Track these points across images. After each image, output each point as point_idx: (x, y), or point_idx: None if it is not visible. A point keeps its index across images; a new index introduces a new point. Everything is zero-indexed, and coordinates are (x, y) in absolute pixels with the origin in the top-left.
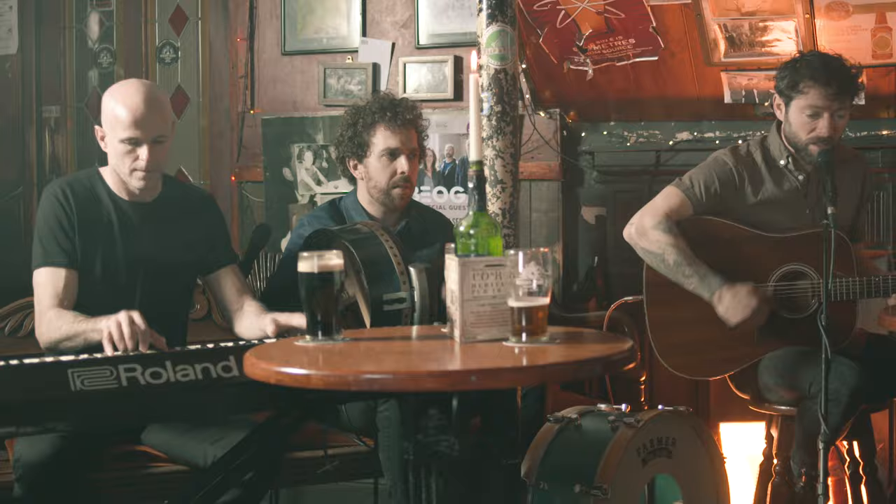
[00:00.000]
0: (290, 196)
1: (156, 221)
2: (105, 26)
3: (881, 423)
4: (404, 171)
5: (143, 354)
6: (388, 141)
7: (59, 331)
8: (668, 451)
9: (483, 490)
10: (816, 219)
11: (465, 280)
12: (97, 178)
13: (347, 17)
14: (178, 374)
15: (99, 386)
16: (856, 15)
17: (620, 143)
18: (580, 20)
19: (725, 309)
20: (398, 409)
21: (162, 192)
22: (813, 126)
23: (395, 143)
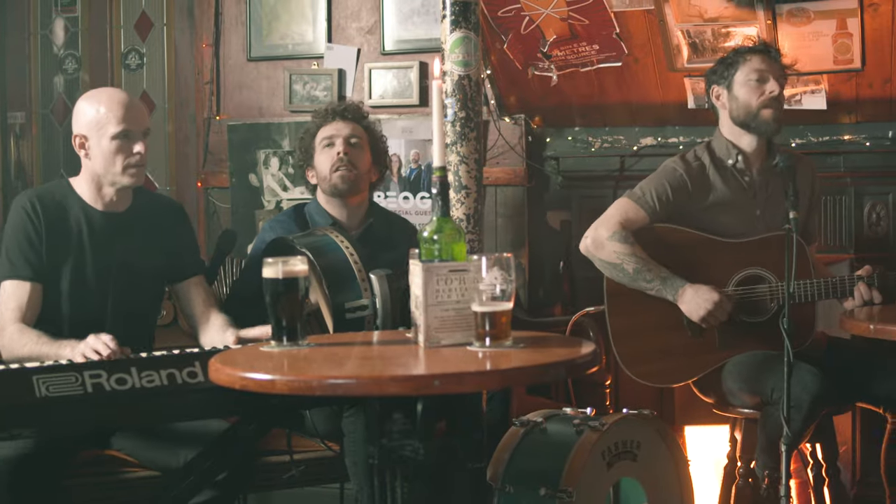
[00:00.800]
0: (256, 202)
1: (128, 231)
2: (70, 32)
3: (844, 426)
4: (340, 151)
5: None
6: (324, 132)
7: (23, 349)
8: (633, 454)
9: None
10: (767, 220)
11: (428, 285)
12: (68, 189)
13: (313, 23)
14: (144, 380)
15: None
16: (817, 21)
17: (585, 148)
18: (544, 26)
19: (688, 306)
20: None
21: (134, 202)
22: (761, 90)
23: (331, 132)
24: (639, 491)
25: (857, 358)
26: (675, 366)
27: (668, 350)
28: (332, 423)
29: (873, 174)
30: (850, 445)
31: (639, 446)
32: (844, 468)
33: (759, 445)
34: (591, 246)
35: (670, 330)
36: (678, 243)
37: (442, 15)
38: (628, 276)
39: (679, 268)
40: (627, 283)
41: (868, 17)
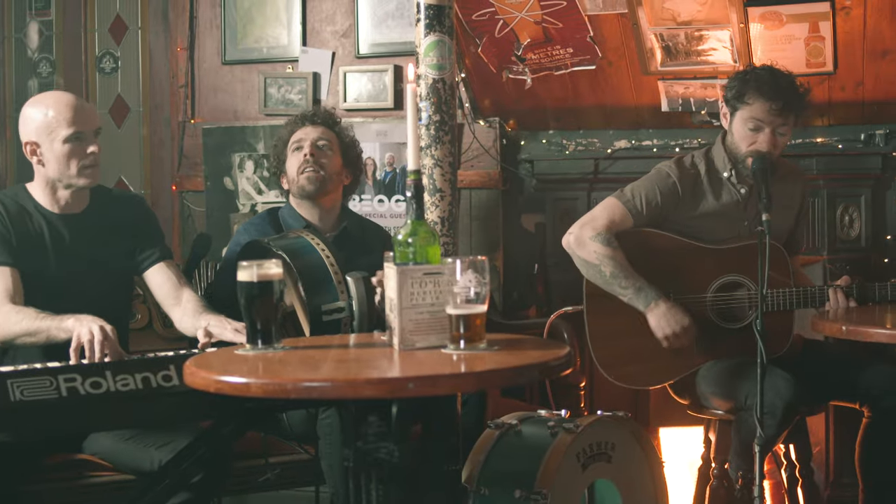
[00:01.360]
0: (231, 205)
1: (88, 232)
2: (44, 36)
3: (817, 427)
4: (306, 153)
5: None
6: (294, 137)
7: (20, 325)
8: (608, 455)
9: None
10: (754, 230)
11: (403, 288)
12: (25, 194)
13: (288, 26)
14: (119, 384)
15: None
16: (789, 24)
17: (559, 151)
18: (518, 30)
19: (657, 321)
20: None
21: (90, 202)
22: (753, 139)
23: (300, 136)
24: (613, 492)
25: (832, 358)
26: (652, 368)
27: (645, 353)
28: (307, 425)
29: (846, 176)
30: (823, 446)
31: (613, 448)
32: (818, 469)
33: (732, 448)
34: (573, 243)
35: (648, 333)
36: (660, 247)
37: (416, 19)
38: (604, 279)
39: (660, 272)
40: (603, 285)
41: (840, 21)
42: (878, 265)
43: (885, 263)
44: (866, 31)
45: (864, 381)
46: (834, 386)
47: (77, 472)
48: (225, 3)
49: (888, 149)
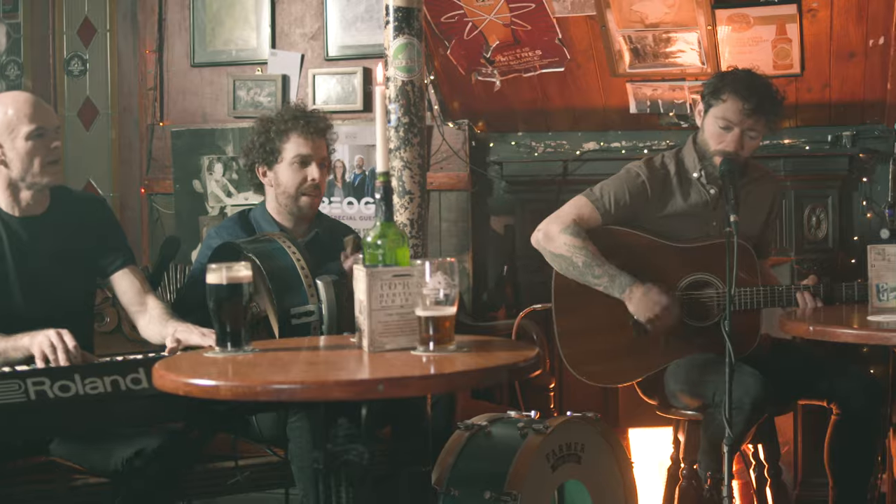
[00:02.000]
0: (200, 208)
1: (49, 234)
2: (12, 38)
3: (786, 427)
4: (315, 178)
5: (51, 368)
6: (301, 148)
7: None
8: (578, 456)
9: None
10: (723, 230)
11: (372, 290)
12: None
13: (257, 28)
14: (87, 387)
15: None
16: (757, 26)
17: (528, 153)
18: (487, 32)
19: (636, 306)
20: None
21: (51, 204)
22: (723, 138)
23: (308, 150)
24: (583, 493)
25: (800, 357)
26: (619, 366)
27: (613, 350)
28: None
29: (813, 177)
30: (791, 446)
31: (583, 449)
32: (786, 469)
33: (701, 447)
34: (542, 239)
35: (616, 330)
36: (628, 245)
37: (385, 21)
38: (577, 270)
39: (628, 270)
40: (577, 277)
41: (807, 23)
42: (845, 265)
43: (851, 263)
44: (833, 33)
45: (832, 381)
46: (802, 385)
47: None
48: (194, 5)
49: (855, 150)
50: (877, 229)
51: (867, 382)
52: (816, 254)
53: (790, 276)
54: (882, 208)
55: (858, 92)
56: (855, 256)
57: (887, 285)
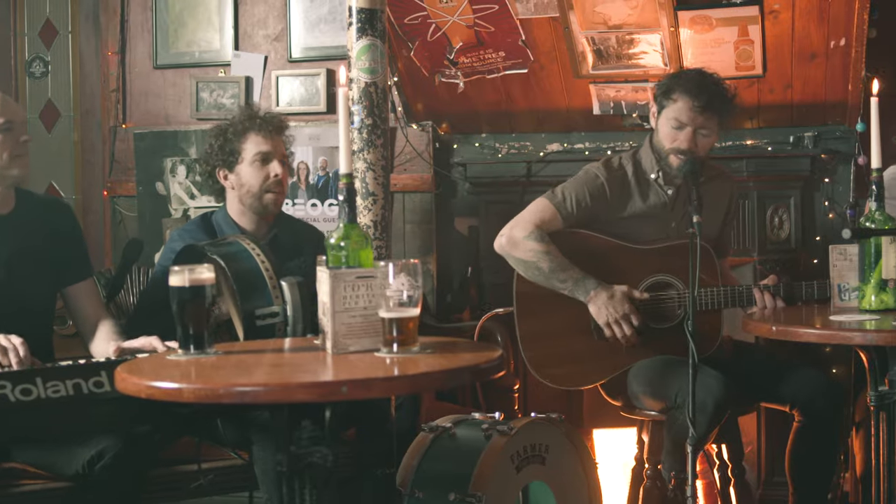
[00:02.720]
0: (163, 210)
1: (13, 234)
2: None
3: (749, 426)
4: (277, 173)
5: (12, 371)
6: (260, 146)
7: None
8: (542, 457)
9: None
10: (681, 231)
11: (336, 292)
12: None
13: (220, 30)
14: (49, 391)
15: None
16: (719, 28)
17: (492, 154)
18: (451, 33)
19: (597, 310)
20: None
21: (17, 204)
22: (675, 137)
23: (268, 147)
24: (548, 494)
25: (762, 360)
26: (582, 369)
27: (575, 353)
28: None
29: (775, 178)
30: (755, 446)
31: (547, 450)
32: (750, 468)
33: (664, 448)
34: (506, 244)
35: (578, 333)
36: (590, 247)
37: (348, 22)
38: (543, 275)
39: (589, 272)
40: (542, 281)
41: (769, 24)
42: (807, 266)
43: (814, 264)
44: (794, 34)
45: (793, 386)
46: (764, 389)
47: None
48: (156, 6)
49: (817, 151)
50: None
51: (829, 386)
52: (779, 254)
53: (753, 276)
54: (844, 209)
55: (820, 93)
56: (817, 256)
57: (849, 285)
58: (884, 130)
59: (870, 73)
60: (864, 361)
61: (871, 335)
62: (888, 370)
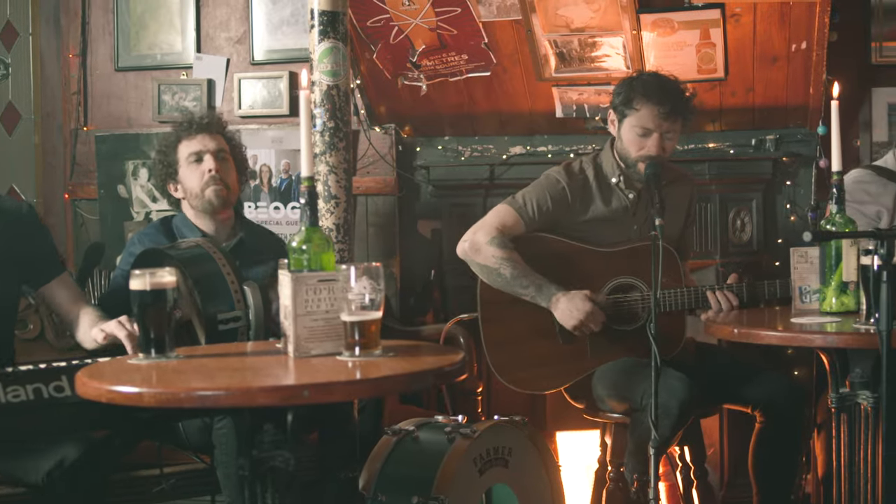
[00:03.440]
0: (125, 213)
1: None
2: None
3: (712, 428)
4: (211, 167)
5: None
6: (190, 147)
7: None
8: (505, 460)
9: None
10: (643, 235)
11: (297, 295)
12: None
13: (182, 32)
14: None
15: None
16: (681, 31)
17: (455, 157)
18: (413, 36)
19: (561, 314)
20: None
21: None
22: (642, 144)
23: (197, 147)
24: (511, 497)
25: (725, 362)
26: (547, 373)
27: (540, 357)
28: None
29: (737, 181)
30: (717, 447)
31: (510, 453)
32: (713, 470)
33: (627, 449)
34: (468, 250)
35: (542, 337)
36: (552, 251)
37: (310, 25)
38: (505, 281)
39: (552, 276)
40: (504, 287)
41: (730, 28)
42: (769, 268)
43: (775, 266)
44: (756, 37)
45: (755, 388)
46: (727, 391)
47: None
48: (118, 8)
49: (778, 153)
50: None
51: (790, 388)
52: (741, 257)
53: (715, 279)
54: (805, 211)
55: (781, 96)
56: (779, 259)
57: (810, 287)
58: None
59: (830, 77)
60: (826, 364)
61: (831, 337)
62: (849, 372)
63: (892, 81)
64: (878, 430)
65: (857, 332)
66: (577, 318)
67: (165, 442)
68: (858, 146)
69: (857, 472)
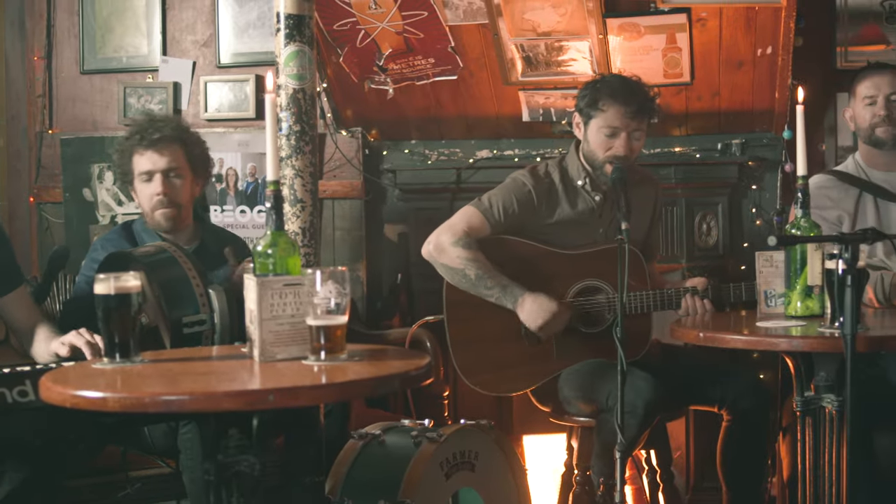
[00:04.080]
0: (90, 217)
1: None
2: None
3: (678, 432)
4: (157, 192)
5: None
6: (142, 164)
7: None
8: (471, 464)
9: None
10: (609, 237)
11: (263, 299)
12: None
13: (147, 35)
14: None
15: None
16: (647, 36)
17: (422, 161)
18: (380, 40)
19: (527, 315)
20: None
21: None
22: (610, 145)
23: (148, 166)
24: (477, 500)
25: (691, 363)
26: (513, 375)
27: (506, 359)
28: (169, 439)
29: (703, 185)
30: (683, 451)
31: (477, 456)
32: (679, 474)
33: (594, 452)
34: (433, 251)
35: (508, 340)
36: (518, 254)
37: (276, 28)
38: (470, 282)
39: (519, 279)
40: (469, 288)
41: (696, 32)
42: (734, 272)
43: (741, 270)
44: (722, 42)
45: (721, 386)
46: (693, 391)
47: None
48: (83, 11)
49: (744, 158)
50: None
51: (756, 386)
52: (707, 260)
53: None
54: (771, 215)
55: (747, 101)
56: (745, 263)
57: (775, 291)
58: (810, 138)
59: (796, 82)
60: (791, 367)
61: (796, 341)
62: (814, 376)
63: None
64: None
65: (821, 335)
66: (543, 318)
67: (130, 447)
68: (824, 150)
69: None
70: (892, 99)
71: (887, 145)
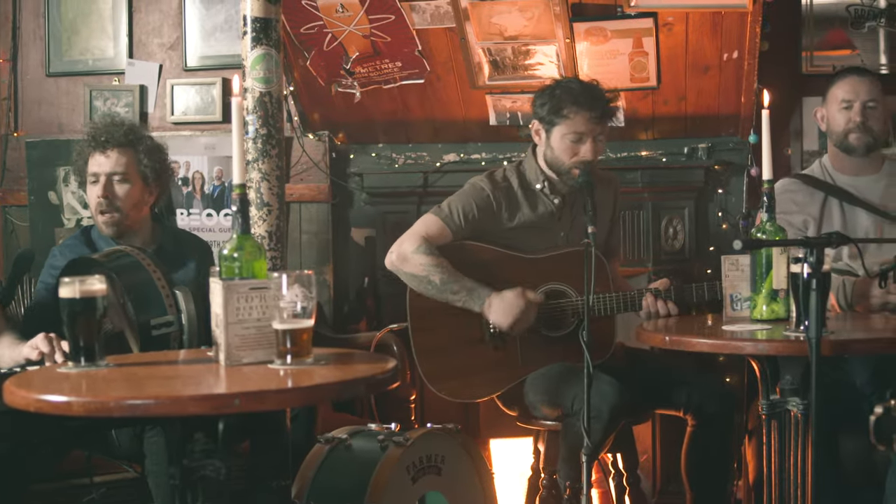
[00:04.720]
0: (56, 220)
1: None
2: None
3: (644, 435)
4: (98, 195)
5: None
6: (92, 167)
7: None
8: (438, 468)
9: None
10: (571, 240)
11: (228, 303)
12: None
13: (114, 38)
14: None
15: None
16: (614, 40)
17: (389, 164)
18: (347, 43)
19: (496, 315)
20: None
21: None
22: (576, 150)
23: (94, 168)
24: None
25: (656, 367)
26: (478, 381)
27: (470, 366)
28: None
29: (670, 189)
30: (650, 454)
31: (443, 460)
32: (645, 477)
33: (560, 456)
34: (396, 260)
35: (473, 345)
36: (480, 259)
37: (243, 31)
38: (436, 288)
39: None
40: (435, 295)
41: (663, 37)
42: (700, 275)
43: (707, 273)
44: (688, 46)
45: (686, 391)
46: (659, 395)
47: None
48: (49, 13)
49: (710, 162)
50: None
51: (721, 390)
52: (673, 264)
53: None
54: (737, 219)
55: (713, 105)
56: (711, 266)
57: (741, 295)
58: (775, 142)
59: (762, 86)
60: (756, 371)
61: (762, 345)
62: (779, 379)
63: (822, 91)
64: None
65: (787, 339)
66: (514, 315)
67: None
68: (790, 155)
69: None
70: (868, 106)
71: (858, 152)
